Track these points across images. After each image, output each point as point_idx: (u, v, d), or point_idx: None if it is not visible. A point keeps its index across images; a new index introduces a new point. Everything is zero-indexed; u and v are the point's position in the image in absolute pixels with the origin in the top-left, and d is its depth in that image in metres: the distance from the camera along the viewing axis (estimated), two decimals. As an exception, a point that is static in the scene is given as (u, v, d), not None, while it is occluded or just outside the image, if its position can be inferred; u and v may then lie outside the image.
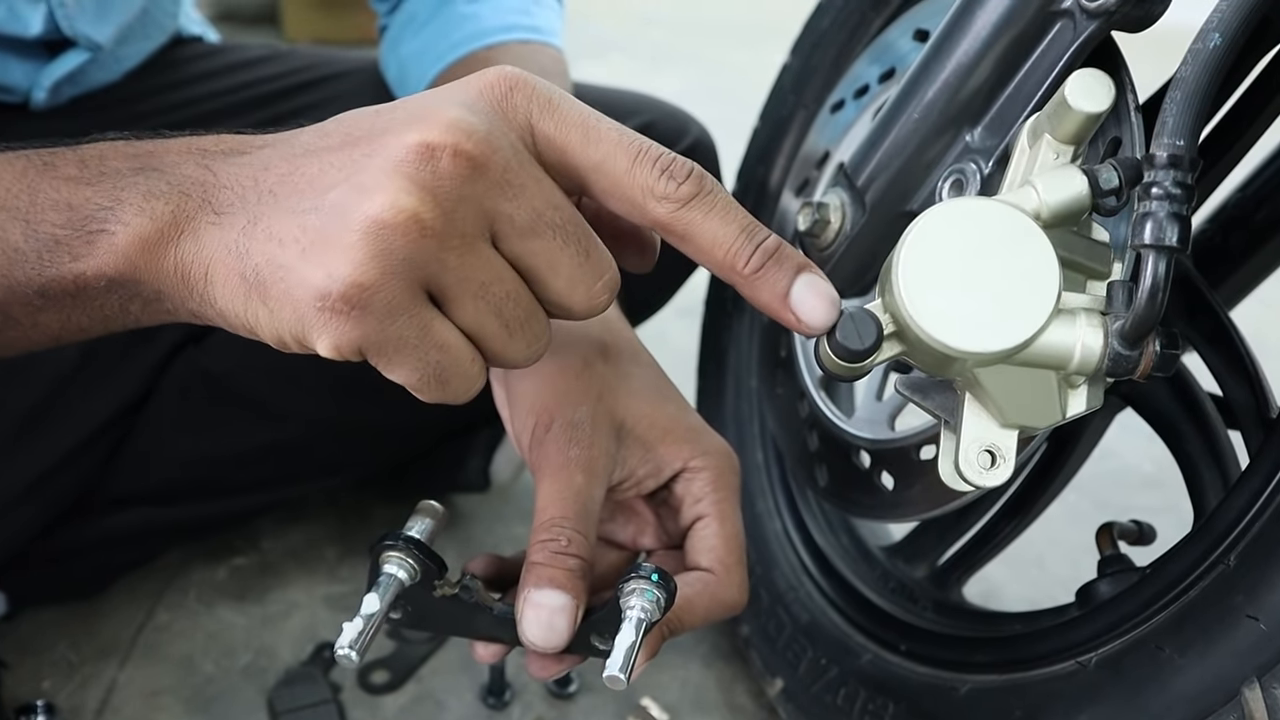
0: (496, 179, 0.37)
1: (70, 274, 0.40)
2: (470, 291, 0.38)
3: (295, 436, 0.82)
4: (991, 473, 0.41)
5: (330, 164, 0.38)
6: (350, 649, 0.43)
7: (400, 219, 0.35)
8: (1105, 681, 0.48)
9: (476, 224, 0.37)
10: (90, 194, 0.39)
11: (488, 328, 0.39)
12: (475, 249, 0.37)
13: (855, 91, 0.68)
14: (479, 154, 0.36)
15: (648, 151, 0.39)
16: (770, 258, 0.40)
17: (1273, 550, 0.42)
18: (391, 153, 0.36)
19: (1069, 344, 0.39)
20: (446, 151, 0.36)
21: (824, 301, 0.40)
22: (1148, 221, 0.37)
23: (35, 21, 0.76)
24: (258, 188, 0.38)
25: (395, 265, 0.35)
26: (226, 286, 0.38)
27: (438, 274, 0.37)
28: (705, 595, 0.51)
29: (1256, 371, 0.53)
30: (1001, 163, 0.50)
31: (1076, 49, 0.47)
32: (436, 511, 0.49)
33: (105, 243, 0.39)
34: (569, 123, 0.39)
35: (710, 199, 0.40)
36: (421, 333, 0.37)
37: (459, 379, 0.39)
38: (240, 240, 0.38)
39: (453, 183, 0.36)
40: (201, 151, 0.40)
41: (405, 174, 0.36)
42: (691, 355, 0.92)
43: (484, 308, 0.38)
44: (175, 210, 0.38)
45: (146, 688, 0.77)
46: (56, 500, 0.74)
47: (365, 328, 0.36)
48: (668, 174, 0.39)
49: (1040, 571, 0.96)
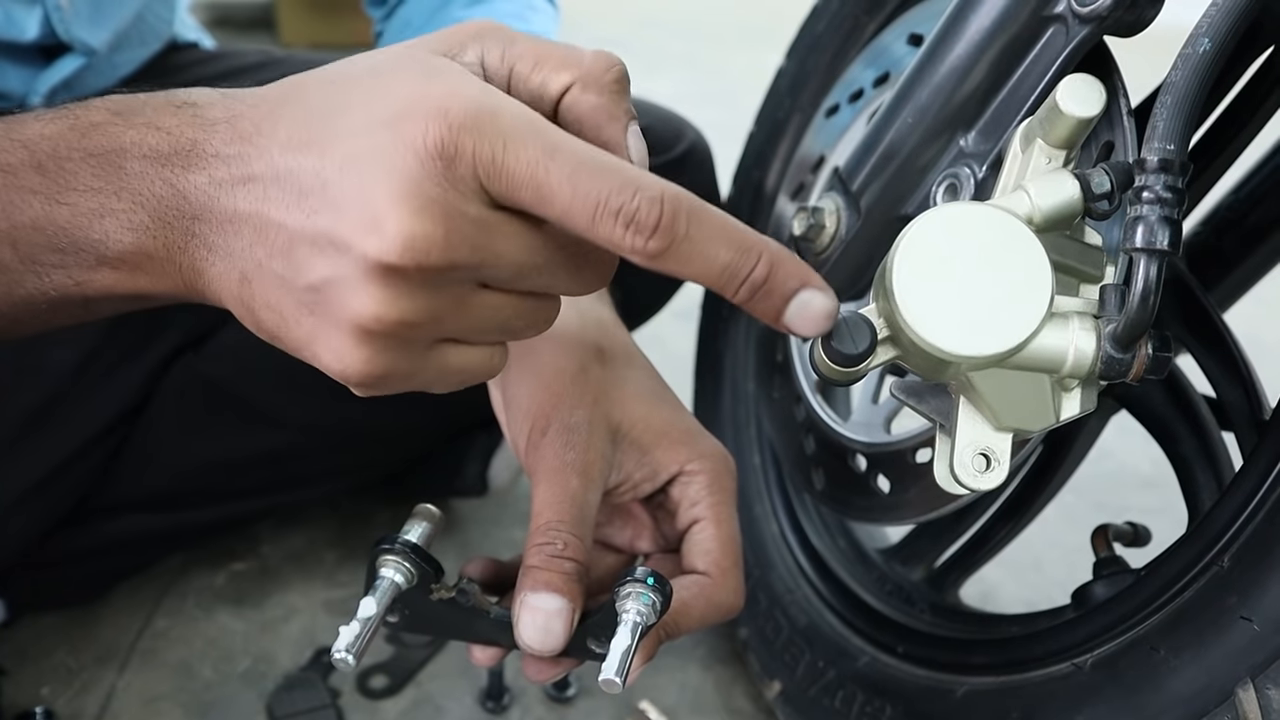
0: (468, 263, 0.37)
1: (78, 294, 0.41)
2: (474, 330, 0.40)
3: (294, 442, 0.82)
4: (986, 476, 0.41)
5: (296, 238, 0.37)
6: (347, 653, 0.43)
7: (388, 328, 0.37)
8: (1101, 683, 0.48)
9: (463, 291, 0.38)
10: (68, 216, 0.39)
11: (497, 338, 0.42)
12: (469, 305, 0.39)
13: (850, 96, 0.68)
14: (441, 260, 0.36)
15: (605, 206, 0.36)
16: (760, 289, 0.38)
17: (1266, 552, 0.42)
18: (357, 262, 0.36)
19: (1062, 347, 0.39)
20: (412, 269, 0.35)
21: (819, 317, 0.39)
22: (1139, 225, 0.37)
23: (31, 26, 0.76)
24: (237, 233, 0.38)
25: (398, 351, 0.38)
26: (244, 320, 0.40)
27: (438, 332, 0.39)
28: (701, 598, 0.51)
29: (1250, 373, 0.54)
30: (995, 167, 0.50)
31: (1069, 54, 0.47)
32: (433, 516, 0.49)
33: (107, 273, 0.40)
34: (518, 184, 0.36)
35: (687, 245, 0.37)
36: (440, 372, 0.40)
37: (481, 377, 0.42)
38: (242, 294, 0.39)
39: (428, 286, 0.37)
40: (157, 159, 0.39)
41: (379, 289, 0.36)
42: (688, 359, 0.92)
43: (490, 333, 0.41)
44: (165, 244, 0.39)
45: (145, 694, 0.77)
46: (55, 506, 0.74)
47: (390, 387, 0.40)
48: (633, 229, 0.36)
49: (1037, 573, 0.96)
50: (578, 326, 0.57)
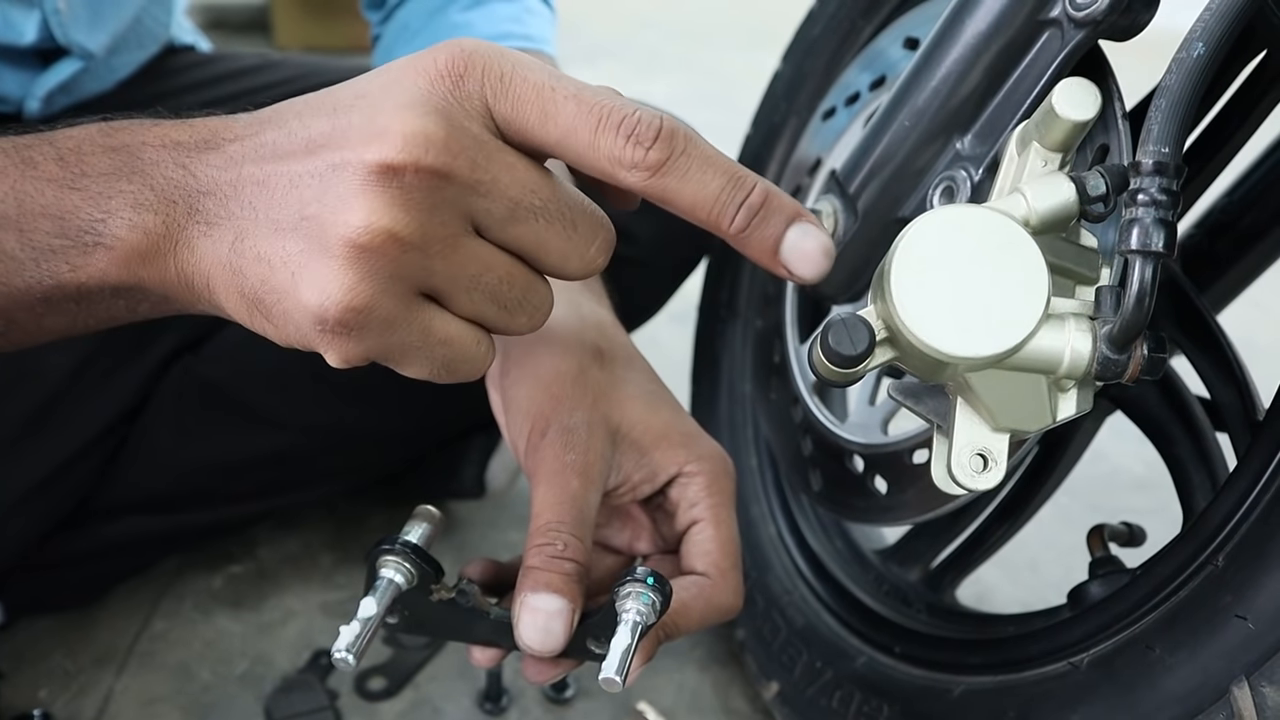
0: (466, 179, 0.37)
1: (72, 283, 0.40)
2: (463, 286, 0.38)
3: (291, 444, 0.82)
4: (984, 476, 0.42)
5: (299, 175, 0.37)
6: (347, 652, 0.43)
7: (378, 241, 0.36)
8: (1097, 681, 0.48)
9: (455, 225, 0.37)
10: (78, 201, 0.39)
11: (486, 313, 0.40)
12: (460, 247, 0.38)
13: (846, 99, 0.68)
14: (442, 164, 0.36)
15: (609, 117, 0.37)
16: (756, 214, 0.39)
17: (1260, 551, 0.43)
18: (356, 171, 0.36)
19: (1058, 348, 0.39)
20: (409, 169, 0.36)
21: (815, 250, 0.39)
22: (1134, 227, 0.37)
23: (29, 30, 0.76)
24: (238, 196, 0.38)
25: (383, 283, 0.36)
26: (229, 299, 0.39)
27: (426, 279, 0.37)
28: (701, 599, 0.51)
29: (1243, 375, 0.54)
30: (991, 170, 0.51)
31: (1064, 57, 0.48)
32: (433, 517, 0.49)
33: (102, 255, 0.39)
34: (524, 101, 0.38)
35: (685, 160, 0.38)
36: (423, 335, 0.38)
37: (466, 364, 0.40)
38: (232, 258, 0.38)
39: (423, 194, 0.36)
40: (176, 147, 0.40)
41: (374, 193, 0.36)
42: (685, 361, 0.92)
43: (479, 297, 0.39)
44: (165, 221, 0.39)
45: (143, 696, 0.77)
46: (53, 509, 0.74)
47: (368, 342, 0.37)
48: (633, 140, 0.37)
49: (1033, 574, 0.96)
50: (577, 328, 0.57)
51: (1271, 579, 0.42)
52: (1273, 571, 0.42)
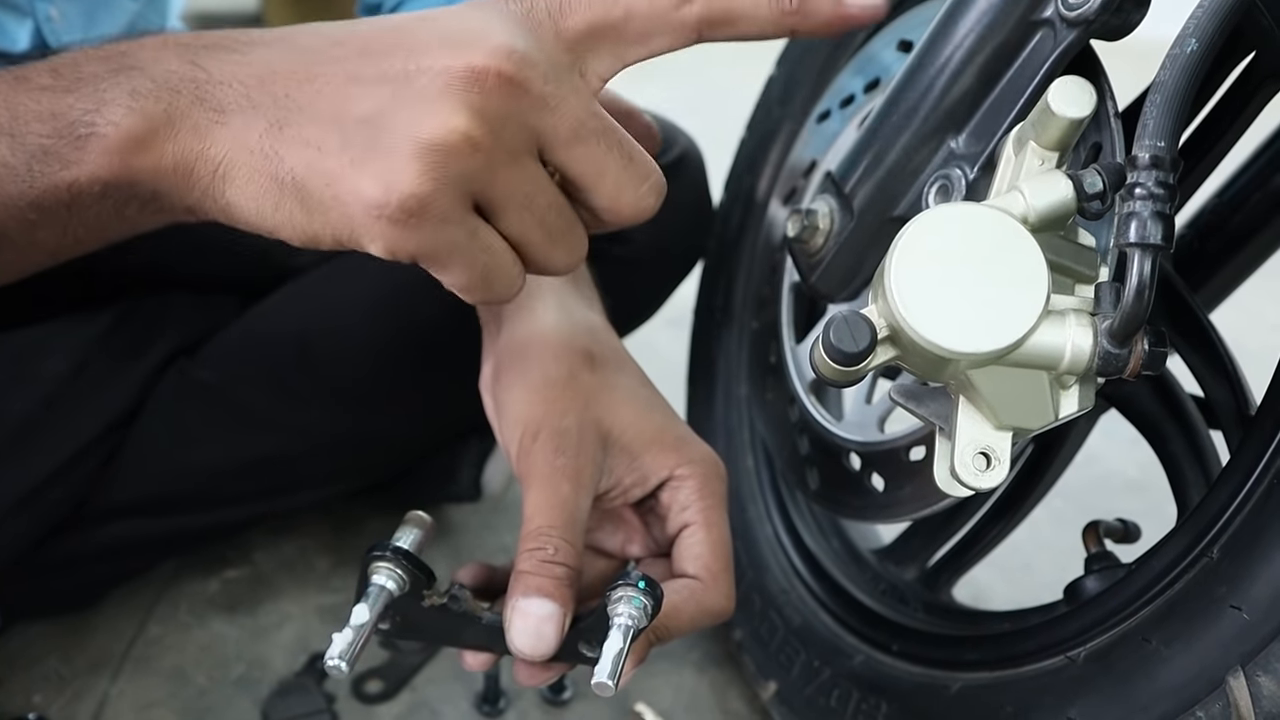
0: (538, 95, 0.39)
1: (63, 182, 0.40)
2: (516, 203, 0.40)
3: (287, 448, 0.82)
4: (987, 474, 0.42)
5: (358, 75, 0.38)
6: (340, 659, 0.43)
7: (454, 139, 0.37)
8: (1094, 674, 0.48)
9: (522, 140, 0.39)
10: (72, 100, 0.39)
11: (531, 236, 0.41)
12: (521, 164, 0.39)
13: (841, 102, 0.69)
14: (520, 75, 0.38)
15: None
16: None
17: (1255, 542, 0.43)
18: (439, 74, 0.38)
19: (1059, 344, 0.40)
20: (492, 74, 0.37)
21: None
22: (1132, 221, 0.38)
23: (22, 37, 0.76)
24: (268, 89, 0.39)
25: (449, 180, 0.37)
26: (250, 185, 0.39)
27: (487, 187, 0.39)
28: (692, 602, 0.51)
29: (1236, 372, 0.55)
30: (986, 168, 0.51)
31: (1057, 57, 0.48)
32: (424, 522, 0.49)
33: (96, 145, 0.39)
34: (586, 3, 0.41)
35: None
36: (470, 238, 0.39)
37: (503, 279, 0.41)
38: (265, 143, 0.38)
39: (499, 103, 0.38)
40: (182, 46, 0.40)
41: (456, 96, 0.37)
42: (680, 365, 0.93)
43: (529, 218, 0.40)
44: (168, 107, 0.39)
45: (139, 700, 0.77)
46: (48, 513, 0.74)
47: (421, 236, 0.38)
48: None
49: (1028, 575, 0.97)
50: (568, 333, 0.57)
51: (1266, 570, 0.42)
52: (1267, 562, 0.42)
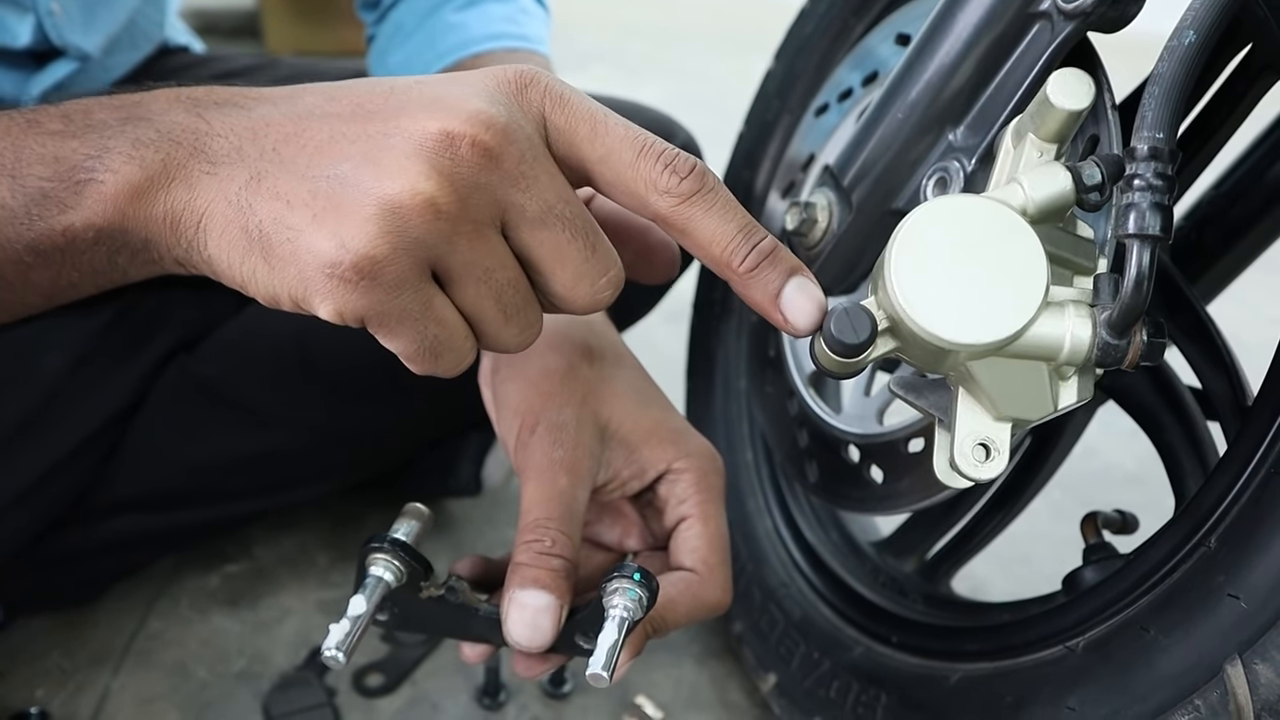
0: (511, 170, 0.38)
1: (59, 226, 0.40)
2: (474, 276, 0.39)
3: (287, 443, 0.82)
4: (987, 465, 0.42)
5: (342, 134, 0.38)
6: (337, 650, 0.44)
7: (417, 201, 0.36)
8: (1093, 664, 0.49)
9: (488, 212, 0.38)
10: (76, 145, 0.40)
11: (485, 311, 0.40)
12: (484, 236, 0.39)
13: (839, 95, 0.69)
14: (496, 145, 0.38)
15: (652, 146, 0.40)
16: (765, 259, 0.41)
17: (1252, 531, 0.43)
18: (412, 136, 0.37)
19: (1058, 335, 0.40)
20: (466, 141, 0.37)
21: (812, 305, 0.42)
22: (1131, 212, 0.38)
23: (24, 32, 0.76)
24: (258, 143, 0.39)
25: (407, 244, 0.37)
26: (224, 238, 0.39)
27: (445, 255, 0.38)
28: (688, 595, 0.51)
29: (1233, 363, 0.55)
30: (984, 160, 0.51)
31: (1055, 49, 0.49)
32: (422, 514, 0.49)
33: (94, 192, 0.39)
34: (579, 116, 0.40)
35: (711, 196, 0.41)
36: (423, 308, 0.39)
37: (451, 354, 0.41)
38: (242, 195, 0.38)
39: (470, 171, 0.37)
40: (192, 100, 0.40)
41: (425, 159, 0.37)
42: (679, 360, 0.93)
43: (485, 292, 0.40)
44: (166, 158, 0.39)
45: (141, 694, 0.77)
46: (49, 508, 0.74)
47: (371, 298, 0.37)
48: (670, 169, 0.40)
49: (1026, 568, 0.97)
50: (566, 326, 0.57)
51: (1263, 558, 0.42)
52: (1264, 551, 0.42)
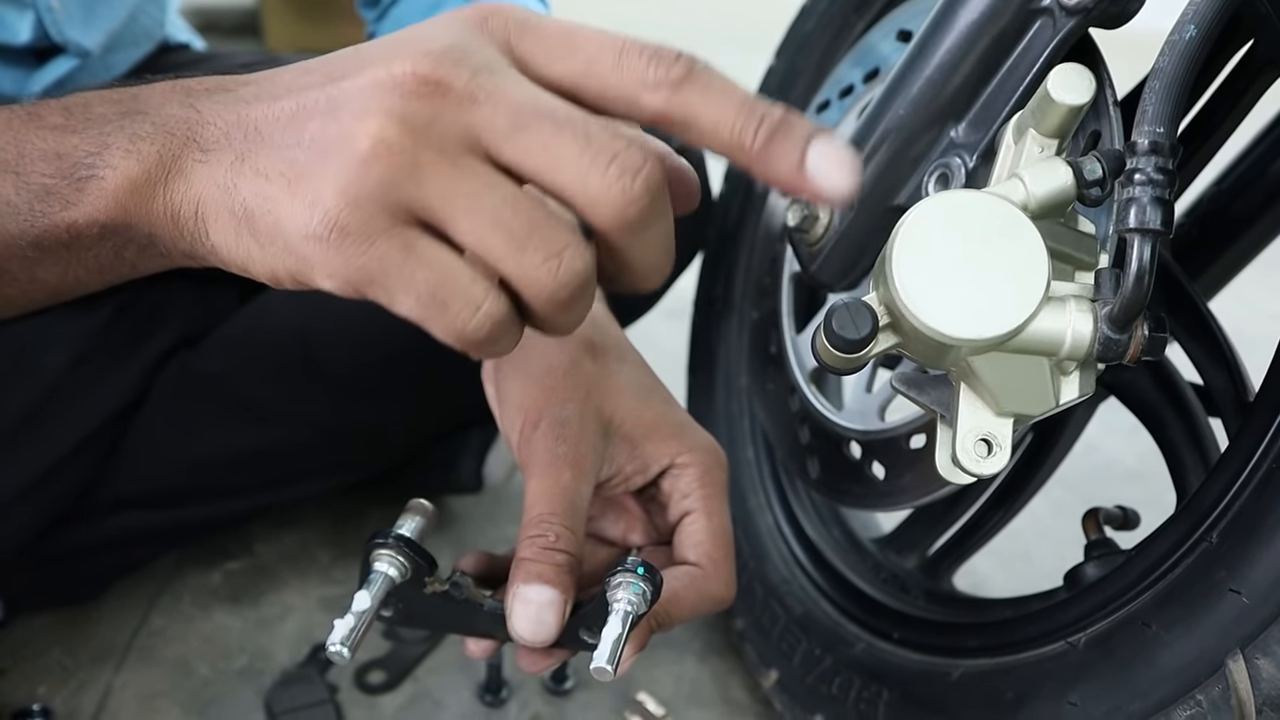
0: (463, 91, 0.36)
1: (63, 223, 0.40)
2: (459, 207, 0.36)
3: (289, 439, 0.82)
4: (989, 461, 0.42)
5: (311, 101, 0.38)
6: (342, 645, 0.43)
7: (364, 144, 0.35)
8: (1095, 660, 0.49)
9: (454, 140, 0.36)
10: (77, 141, 0.40)
11: (492, 241, 0.37)
12: (456, 164, 0.36)
13: (840, 92, 0.69)
14: (439, 73, 0.36)
15: (631, 44, 0.38)
16: (777, 129, 0.38)
17: (1253, 527, 0.43)
18: (364, 87, 0.37)
19: (1060, 330, 0.40)
20: (408, 77, 0.36)
21: (843, 164, 0.37)
22: (1131, 207, 0.38)
23: (24, 29, 0.76)
24: (242, 125, 0.39)
25: (371, 189, 0.35)
26: (218, 222, 0.39)
27: (415, 193, 0.36)
28: (693, 589, 0.51)
29: (1234, 358, 0.55)
30: (986, 156, 0.51)
31: (1056, 45, 0.49)
32: (426, 510, 0.49)
33: (95, 188, 0.39)
34: (549, 34, 0.39)
35: (705, 76, 0.38)
36: (404, 252, 0.36)
37: (459, 300, 0.37)
38: (228, 177, 0.38)
39: (419, 104, 0.36)
40: (186, 91, 0.40)
41: (373, 105, 0.36)
42: (680, 357, 0.93)
43: (480, 221, 0.36)
44: (161, 150, 0.39)
45: (143, 691, 0.77)
46: (50, 505, 0.74)
47: (349, 256, 0.36)
48: (655, 59, 0.38)
49: (1027, 565, 0.97)
50: None
51: (1265, 553, 0.42)
52: (1266, 546, 0.42)
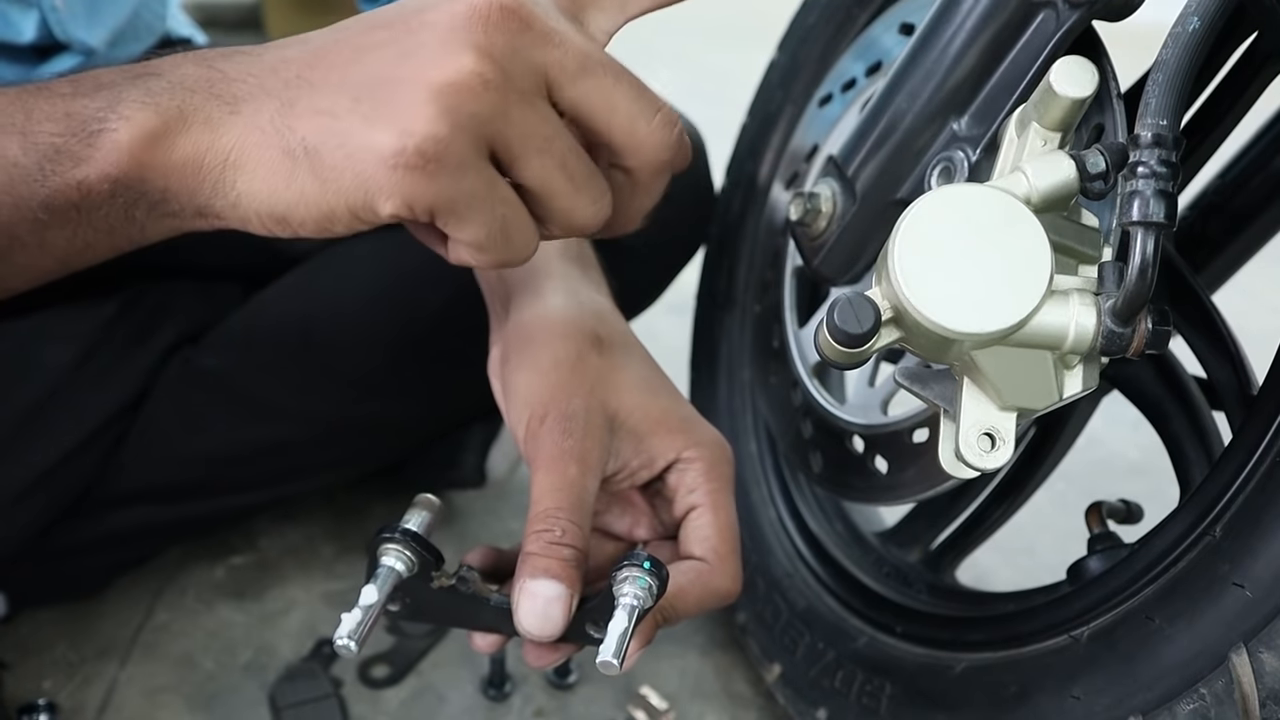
0: (541, 30, 0.39)
1: (73, 180, 0.40)
2: (535, 146, 0.39)
3: (293, 434, 0.82)
4: (992, 455, 0.42)
5: (367, 45, 0.39)
6: (349, 639, 0.44)
7: (463, 77, 0.37)
8: (1098, 653, 0.49)
9: (532, 78, 0.39)
10: (87, 101, 0.40)
11: (554, 182, 0.40)
12: (534, 104, 0.39)
13: (842, 86, 0.69)
14: (522, 9, 0.38)
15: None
16: None
17: (1257, 520, 0.43)
18: (440, 23, 0.38)
19: (1063, 323, 0.40)
20: (494, 9, 0.38)
21: None
22: (1135, 200, 0.38)
23: (28, 28, 0.76)
24: (279, 76, 0.39)
25: (465, 121, 0.37)
26: (261, 167, 0.39)
27: (503, 129, 0.38)
28: (699, 584, 0.51)
29: (1238, 352, 0.55)
30: (989, 150, 0.51)
31: (1059, 38, 0.48)
32: (433, 505, 0.49)
33: (107, 141, 0.39)
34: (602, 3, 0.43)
35: None
36: (489, 187, 0.39)
37: (521, 235, 0.41)
38: (276, 120, 0.38)
39: (505, 38, 0.38)
40: (201, 56, 0.41)
41: (461, 39, 0.37)
42: (682, 351, 0.93)
43: (550, 163, 0.40)
44: (181, 104, 0.39)
45: (147, 686, 0.77)
46: (55, 500, 0.74)
47: (440, 182, 0.38)
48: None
49: (1030, 558, 0.97)
50: (576, 315, 0.57)
51: (1268, 547, 0.42)
52: (1269, 540, 0.42)
